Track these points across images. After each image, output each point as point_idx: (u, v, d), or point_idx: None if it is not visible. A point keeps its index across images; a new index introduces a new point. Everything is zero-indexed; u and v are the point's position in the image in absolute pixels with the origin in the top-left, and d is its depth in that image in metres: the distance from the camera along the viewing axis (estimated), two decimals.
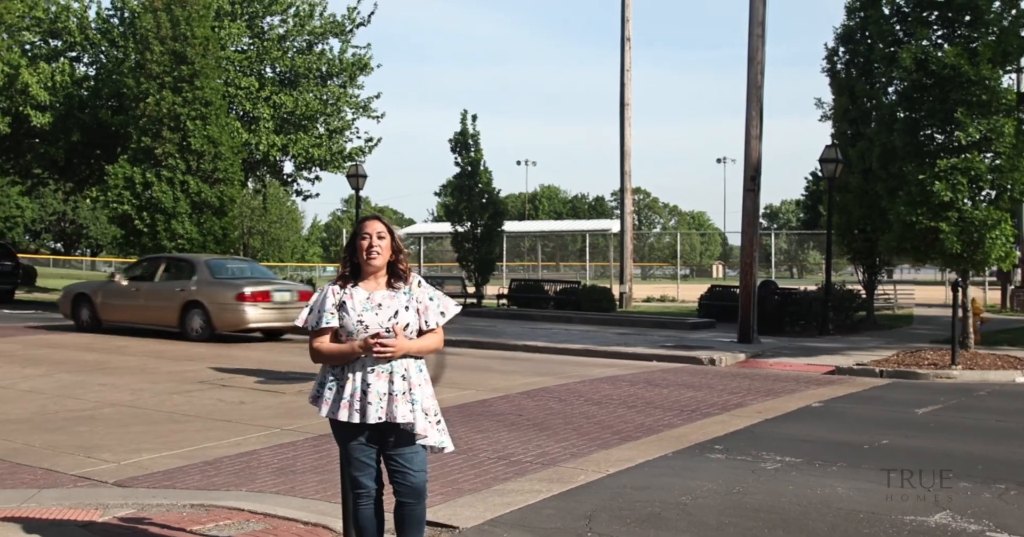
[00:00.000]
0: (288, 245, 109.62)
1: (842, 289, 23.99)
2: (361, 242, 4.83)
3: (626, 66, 35.25)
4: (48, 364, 14.89)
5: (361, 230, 4.86)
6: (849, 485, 7.40)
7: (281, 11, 32.86)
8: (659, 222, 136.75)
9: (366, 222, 4.88)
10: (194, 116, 24.69)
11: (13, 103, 29.44)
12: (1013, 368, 15.04)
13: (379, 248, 4.81)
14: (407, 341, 4.77)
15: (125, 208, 24.57)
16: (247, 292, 18.88)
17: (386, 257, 4.85)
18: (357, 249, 4.84)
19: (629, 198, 36.51)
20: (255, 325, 19.12)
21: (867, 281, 24.46)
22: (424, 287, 4.97)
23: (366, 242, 4.82)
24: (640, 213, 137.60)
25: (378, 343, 4.65)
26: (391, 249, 4.87)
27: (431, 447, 5.00)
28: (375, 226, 4.86)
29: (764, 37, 19.49)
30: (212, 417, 10.40)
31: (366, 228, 4.85)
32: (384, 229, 4.87)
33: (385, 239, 4.85)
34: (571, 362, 16.10)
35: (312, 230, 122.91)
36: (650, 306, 34.92)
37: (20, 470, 7.95)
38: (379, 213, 5.45)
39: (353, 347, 4.73)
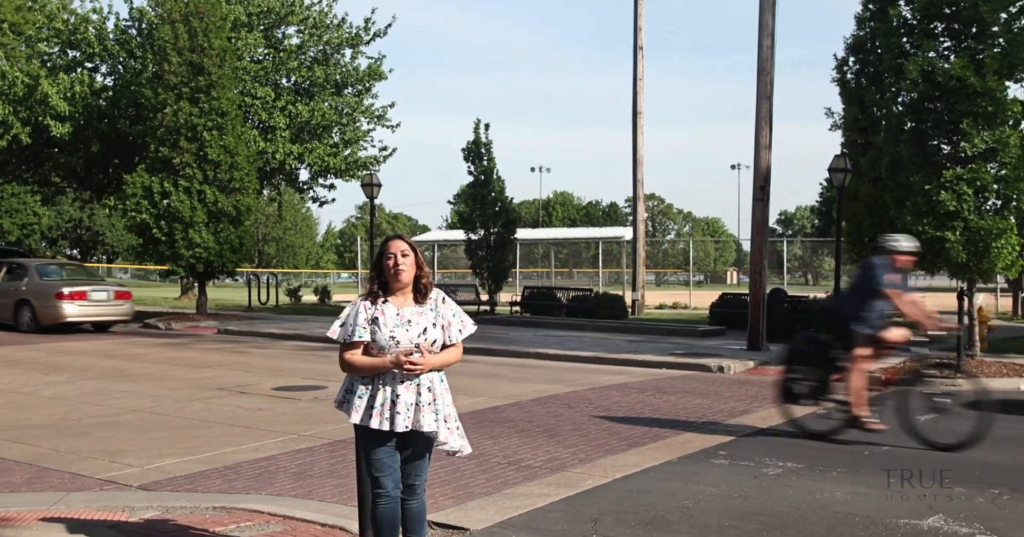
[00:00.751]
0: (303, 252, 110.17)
1: None
2: (387, 262, 5.18)
3: (638, 74, 35.49)
4: (70, 371, 15.23)
5: (386, 250, 5.22)
6: (848, 490, 7.64)
7: (297, 22, 33.20)
8: (673, 228, 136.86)
9: (390, 242, 5.25)
10: (211, 126, 25.04)
11: (33, 113, 29.86)
12: (1018, 376, 15.22)
13: (404, 266, 5.17)
14: (433, 357, 5.13)
15: (143, 217, 24.94)
16: (65, 292, 22.42)
17: (411, 274, 5.21)
18: (384, 268, 5.20)
19: (641, 206, 36.69)
20: (72, 320, 22.59)
21: None
22: (448, 303, 5.34)
23: (391, 261, 5.17)
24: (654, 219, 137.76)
25: (409, 361, 5.02)
26: (415, 265, 5.23)
27: (451, 451, 5.35)
28: (399, 245, 5.22)
29: (774, 48, 19.75)
30: (231, 423, 10.69)
31: (391, 248, 5.21)
32: (407, 247, 5.23)
33: (409, 257, 5.21)
34: (582, 369, 16.34)
35: (327, 237, 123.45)
36: (662, 313, 35.13)
37: (48, 474, 8.26)
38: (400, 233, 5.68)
39: (385, 362, 5.08)
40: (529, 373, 15.64)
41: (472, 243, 31.41)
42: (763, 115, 19.56)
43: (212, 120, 25.15)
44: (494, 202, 30.97)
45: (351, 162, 33.84)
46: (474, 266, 31.83)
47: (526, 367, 16.66)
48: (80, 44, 31.81)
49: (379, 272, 5.24)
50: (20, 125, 29.77)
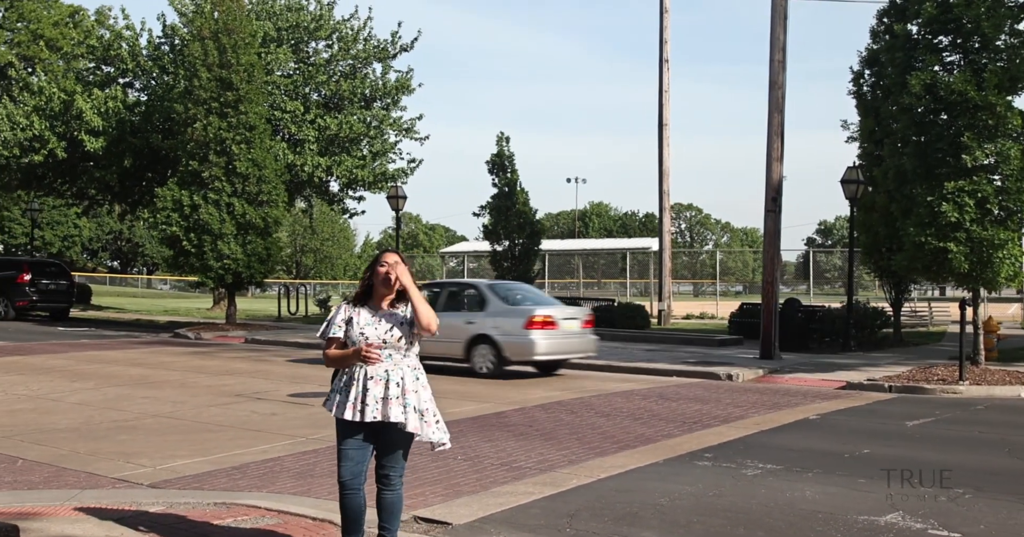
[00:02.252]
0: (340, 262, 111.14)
1: (866, 307, 24.35)
2: (380, 269, 5.79)
3: (664, 86, 35.87)
4: (96, 378, 15.83)
5: (381, 260, 5.84)
6: (817, 489, 8.01)
7: (326, 37, 33.92)
8: (711, 238, 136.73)
9: (387, 253, 5.86)
10: (239, 140, 25.72)
11: (68, 128, 30.77)
12: (1021, 383, 15.44)
13: (395, 276, 5.72)
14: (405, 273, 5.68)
15: (173, 229, 25.64)
16: None
17: (398, 285, 5.75)
18: (376, 274, 5.79)
19: (668, 217, 37.03)
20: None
21: (894, 299, 24.82)
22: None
23: (384, 269, 5.77)
24: (691, 230, 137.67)
25: (367, 350, 5.59)
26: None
27: (433, 443, 5.84)
28: (393, 257, 5.83)
29: (785, 62, 20.09)
30: (244, 427, 11.20)
31: (385, 259, 5.82)
32: (399, 261, 5.81)
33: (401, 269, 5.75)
34: (593, 377, 16.74)
35: (364, 248, 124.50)
36: (688, 323, 35.39)
37: (65, 474, 8.78)
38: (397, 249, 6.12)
39: (349, 353, 5.69)
40: (540, 380, 16.09)
41: (497, 254, 31.85)
42: (775, 128, 19.89)
43: (241, 134, 25.82)
44: (518, 214, 31.40)
45: (379, 174, 34.46)
46: (499, 277, 32.25)
47: (539, 375, 17.07)
48: (114, 60, 32.71)
49: (370, 277, 5.81)
50: (56, 140, 30.69)
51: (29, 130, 30.80)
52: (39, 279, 32.39)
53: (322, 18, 33.60)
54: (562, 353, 17.12)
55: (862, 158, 24.36)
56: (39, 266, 33.78)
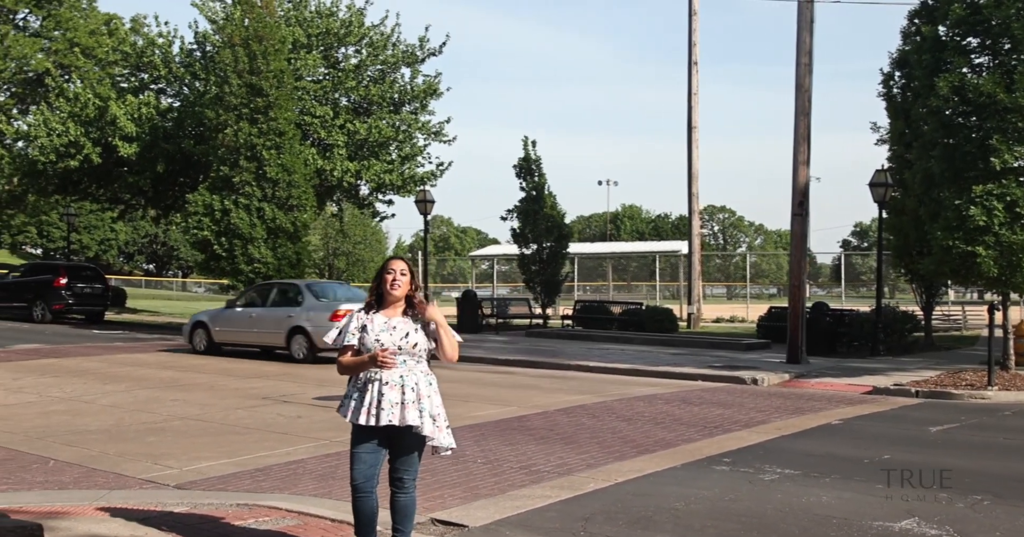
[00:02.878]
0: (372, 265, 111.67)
1: (896, 310, 24.24)
2: (387, 276, 5.89)
3: (693, 89, 35.82)
4: (127, 381, 16.09)
5: (388, 266, 5.97)
6: (834, 495, 8.04)
7: (355, 42, 34.20)
8: (744, 241, 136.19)
9: (393, 261, 6.00)
10: (269, 146, 26.00)
11: (103, 134, 31.23)
12: None
13: (401, 282, 5.88)
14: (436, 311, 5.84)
15: (205, 234, 25.96)
16: None
17: (405, 290, 5.90)
18: (383, 281, 5.89)
19: (697, 220, 36.94)
20: None
21: (925, 302, 24.70)
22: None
23: (391, 276, 5.88)
24: (725, 232, 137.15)
25: (382, 355, 5.69)
26: (410, 285, 5.91)
27: (440, 447, 5.95)
28: (399, 265, 5.94)
29: (811, 66, 20.06)
30: (269, 430, 11.36)
31: (392, 265, 5.96)
32: (406, 268, 5.95)
33: (406, 276, 5.91)
34: (617, 381, 16.79)
35: (397, 250, 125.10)
36: (717, 327, 35.34)
37: (95, 474, 8.97)
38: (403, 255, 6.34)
39: (365, 359, 5.79)
40: (564, 384, 16.15)
41: (525, 258, 32.01)
42: (801, 131, 19.87)
43: (271, 139, 26.11)
44: (546, 217, 31.53)
45: (408, 178, 34.69)
46: (527, 280, 32.41)
47: (563, 379, 17.16)
48: (147, 67, 33.15)
49: (378, 283, 5.90)
50: (91, 145, 31.17)
51: (65, 136, 31.30)
52: (75, 283, 32.83)
53: (352, 24, 33.87)
54: None
55: (892, 161, 24.26)
56: (75, 270, 34.25)
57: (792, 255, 20.26)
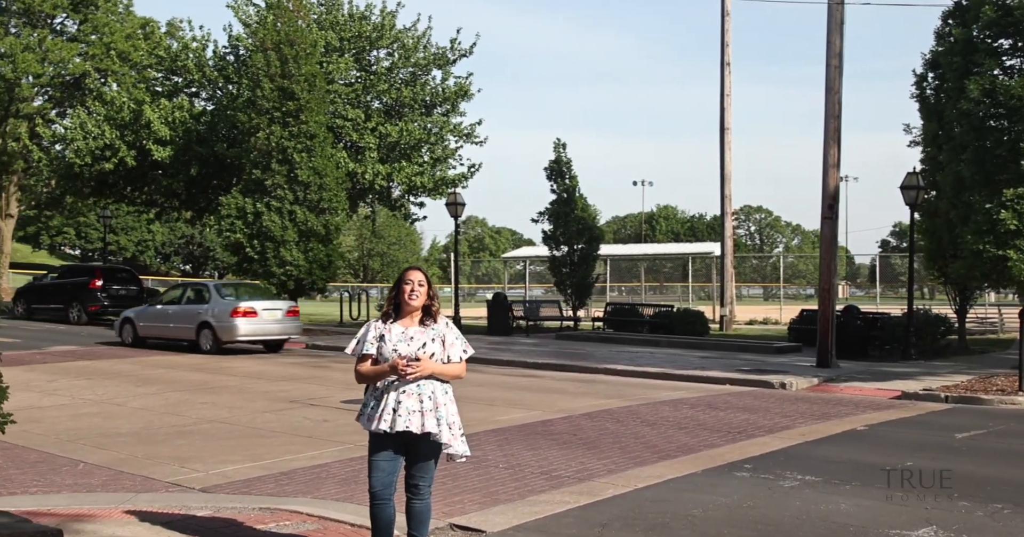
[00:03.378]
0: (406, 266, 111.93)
1: (928, 313, 24.04)
2: (404, 286, 6.01)
3: (726, 90, 35.73)
4: (159, 384, 16.31)
5: (405, 277, 6.06)
6: (853, 502, 8.04)
7: (387, 45, 34.37)
8: (781, 241, 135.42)
9: (410, 271, 6.08)
10: (300, 149, 26.19)
11: (138, 137, 31.60)
12: None
13: (418, 293, 5.99)
14: (430, 362, 5.84)
15: (237, 236, 26.19)
16: None
17: (423, 300, 6.01)
18: (401, 291, 6.00)
19: (729, 222, 36.87)
20: None
21: (959, 305, 24.47)
22: (452, 328, 6.13)
23: (408, 287, 6.00)
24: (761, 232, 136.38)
25: (404, 364, 5.78)
26: (427, 295, 6.02)
27: (455, 455, 6.04)
28: (417, 275, 6.05)
29: (841, 68, 19.94)
30: (296, 433, 11.50)
31: (409, 276, 6.05)
32: (424, 278, 6.06)
33: (424, 287, 6.03)
34: (644, 385, 16.80)
35: (431, 251, 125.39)
36: (750, 329, 35.16)
37: (122, 477, 9.14)
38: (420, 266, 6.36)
39: (385, 368, 5.89)
40: (591, 388, 16.18)
41: (556, 260, 32.06)
42: (831, 134, 19.76)
43: (302, 143, 26.30)
44: (577, 220, 31.56)
45: (439, 180, 34.81)
46: (558, 282, 32.46)
47: (590, 382, 17.19)
48: (181, 71, 33.51)
49: (396, 293, 6.01)
50: (126, 148, 31.56)
51: (100, 139, 31.69)
52: (110, 285, 33.27)
53: (384, 27, 34.04)
54: (262, 335, 23.01)
55: (925, 163, 24.06)
56: (111, 272, 34.69)
57: (822, 258, 20.15)
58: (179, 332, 23.60)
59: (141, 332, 24.42)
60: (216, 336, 22.50)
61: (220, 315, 22.53)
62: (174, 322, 23.81)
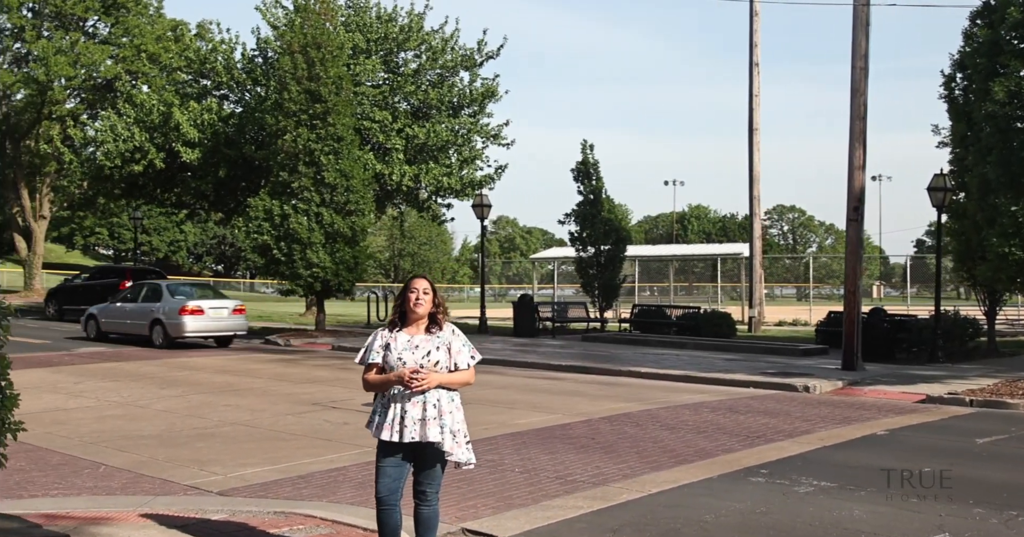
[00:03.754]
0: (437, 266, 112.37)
1: (956, 316, 23.82)
2: (409, 295, 6.05)
3: (755, 91, 35.55)
4: (184, 386, 16.47)
5: (410, 285, 6.09)
6: (867, 508, 8.00)
7: (415, 47, 34.49)
8: (814, 240, 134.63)
9: (416, 280, 6.11)
10: (327, 151, 26.34)
11: (167, 139, 31.91)
12: None
13: (423, 301, 6.03)
14: (435, 374, 5.86)
15: (264, 238, 26.38)
16: None
17: (428, 309, 6.05)
18: (406, 300, 6.04)
19: (758, 223, 36.70)
20: None
21: (988, 307, 24.23)
22: (458, 335, 6.17)
23: (413, 295, 6.04)
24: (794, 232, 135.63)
25: (410, 376, 5.77)
26: (432, 303, 6.06)
27: (458, 463, 6.02)
28: (421, 284, 6.08)
29: (867, 69, 19.81)
30: (316, 436, 11.58)
31: (414, 284, 6.08)
32: (429, 286, 6.09)
33: (429, 295, 6.06)
34: (666, 388, 16.77)
35: (462, 251, 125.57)
36: (778, 330, 34.95)
37: (142, 480, 9.24)
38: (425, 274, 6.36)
39: (391, 378, 5.94)
40: (612, 391, 16.17)
41: (583, 261, 32.02)
42: (856, 135, 19.64)
43: (329, 145, 26.44)
44: (604, 221, 31.51)
45: (467, 182, 34.89)
46: (585, 284, 32.41)
47: (613, 385, 17.18)
48: (210, 73, 33.79)
49: (402, 302, 6.04)
50: (155, 151, 31.87)
51: (130, 141, 32.03)
52: None
53: (411, 29, 34.17)
54: (208, 331, 24.88)
55: (953, 164, 23.86)
56: (140, 273, 35.05)
57: (847, 260, 20.02)
58: (135, 328, 25.59)
59: (103, 328, 26.72)
60: (166, 332, 24.49)
61: (170, 313, 24.53)
62: (130, 319, 25.85)
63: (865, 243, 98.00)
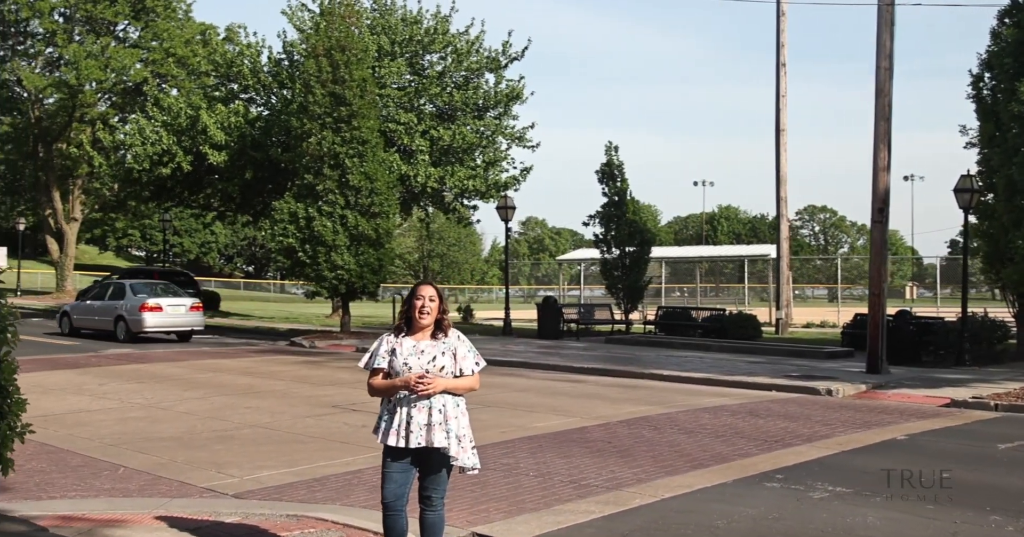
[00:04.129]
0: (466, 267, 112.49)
1: (984, 318, 23.56)
2: (416, 302, 6.08)
3: (782, 91, 35.34)
4: (207, 388, 16.58)
5: (417, 292, 6.12)
6: (881, 515, 7.94)
7: (440, 49, 34.57)
8: (846, 241, 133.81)
9: (422, 287, 6.14)
10: (352, 154, 26.42)
11: (194, 142, 32.17)
12: None
13: (429, 308, 6.06)
14: (441, 379, 5.89)
15: (290, 241, 26.52)
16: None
17: (434, 316, 6.09)
18: (412, 307, 6.07)
19: (785, 224, 36.48)
20: None
21: (1017, 310, 23.96)
22: (463, 341, 6.20)
23: (420, 302, 6.07)
24: (826, 232, 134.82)
25: (416, 381, 5.80)
26: (438, 310, 6.08)
27: (463, 467, 6.03)
28: (428, 291, 6.11)
29: (891, 70, 19.66)
30: (333, 439, 11.63)
31: (421, 291, 6.11)
32: (435, 294, 6.12)
33: (435, 302, 6.10)
34: (687, 391, 16.70)
35: (491, 252, 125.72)
36: (806, 332, 34.74)
37: (160, 482, 9.32)
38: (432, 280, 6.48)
39: (396, 383, 5.97)
40: (632, 394, 16.13)
41: (607, 263, 31.96)
42: (880, 136, 19.49)
43: (353, 148, 26.53)
44: (629, 223, 31.44)
45: (491, 183, 34.92)
46: (609, 286, 32.32)
47: (633, 388, 17.14)
48: (236, 77, 34.02)
49: (408, 309, 6.07)
50: (183, 154, 32.13)
51: (158, 145, 32.31)
52: None
53: (436, 31, 34.25)
54: (167, 326, 27.14)
55: (981, 164, 23.62)
56: (168, 276, 35.36)
57: (871, 262, 19.88)
58: (102, 324, 27.93)
59: (75, 324, 29.32)
60: (128, 328, 26.74)
61: (131, 310, 26.73)
62: (98, 315, 28.27)
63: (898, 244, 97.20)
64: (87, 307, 29.09)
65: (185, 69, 40.41)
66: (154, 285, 29.11)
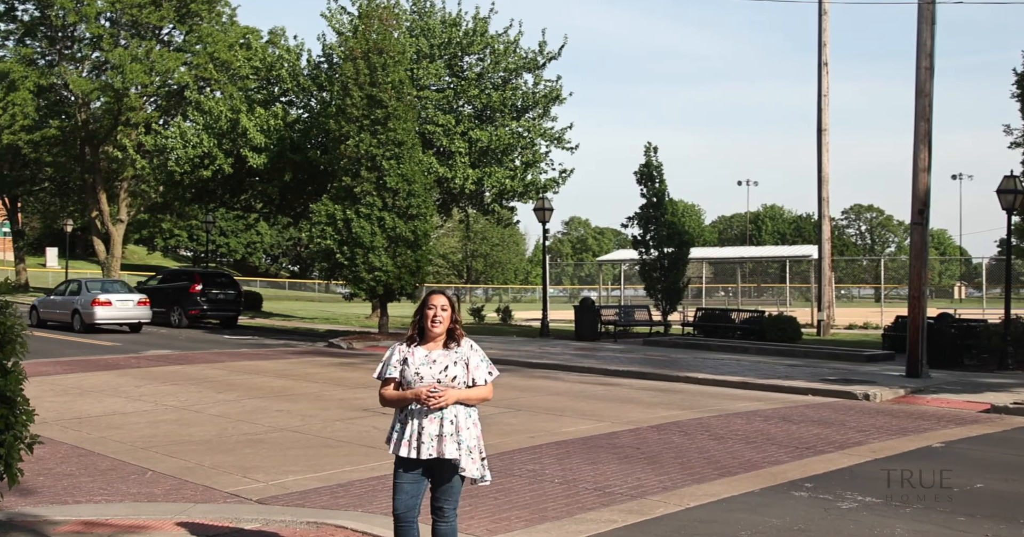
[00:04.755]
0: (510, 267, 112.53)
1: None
2: (428, 311, 6.02)
3: (824, 91, 34.95)
4: (241, 390, 16.67)
5: (429, 301, 6.06)
6: (909, 527, 7.77)
7: (478, 51, 34.55)
8: (893, 240, 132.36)
9: (434, 296, 6.07)
10: (389, 156, 26.47)
11: (235, 145, 32.43)
12: None
13: (441, 318, 6.00)
14: (453, 391, 5.83)
15: (328, 243, 26.62)
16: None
17: (446, 325, 6.03)
18: (424, 316, 6.02)
19: (827, 224, 36.06)
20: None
21: None
22: (476, 351, 6.13)
23: (432, 312, 6.01)
24: (872, 232, 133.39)
25: (428, 393, 5.75)
26: (451, 319, 6.03)
27: (472, 478, 5.98)
28: (440, 300, 6.04)
29: (932, 69, 19.34)
30: (361, 443, 11.63)
31: (433, 301, 6.04)
32: (447, 303, 6.06)
33: (447, 311, 6.03)
34: (722, 395, 16.53)
35: (535, 252, 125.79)
36: (848, 334, 34.35)
37: (185, 487, 9.35)
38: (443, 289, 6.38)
39: (407, 395, 5.92)
40: (665, 398, 15.99)
41: (646, 264, 31.81)
42: (921, 137, 19.17)
43: (390, 150, 26.58)
44: (667, 224, 31.26)
45: (529, 184, 34.86)
46: (648, 287, 32.16)
47: (667, 391, 16.99)
48: (276, 80, 34.26)
49: (420, 318, 6.02)
50: (223, 156, 32.40)
51: (199, 147, 32.61)
52: (209, 289, 34.26)
53: (475, 33, 34.24)
54: (116, 319, 30.80)
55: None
56: (209, 277, 35.71)
57: (911, 265, 19.55)
58: (62, 316, 31.85)
59: (41, 316, 33.03)
60: (83, 320, 30.50)
61: (85, 304, 30.51)
62: (59, 309, 32.13)
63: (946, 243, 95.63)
64: (52, 302, 32.98)
65: (226, 73, 40.74)
66: (107, 283, 33.22)
